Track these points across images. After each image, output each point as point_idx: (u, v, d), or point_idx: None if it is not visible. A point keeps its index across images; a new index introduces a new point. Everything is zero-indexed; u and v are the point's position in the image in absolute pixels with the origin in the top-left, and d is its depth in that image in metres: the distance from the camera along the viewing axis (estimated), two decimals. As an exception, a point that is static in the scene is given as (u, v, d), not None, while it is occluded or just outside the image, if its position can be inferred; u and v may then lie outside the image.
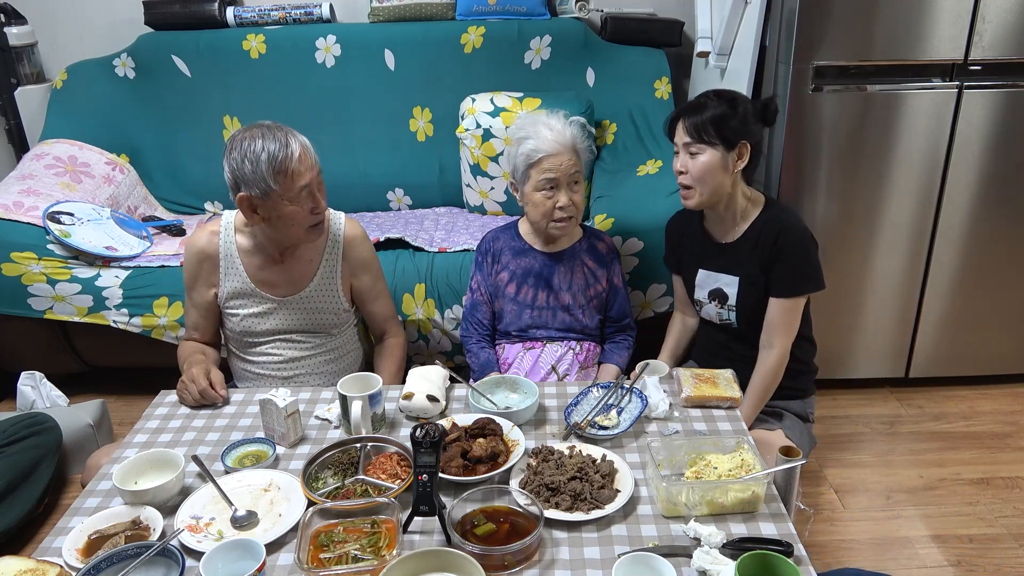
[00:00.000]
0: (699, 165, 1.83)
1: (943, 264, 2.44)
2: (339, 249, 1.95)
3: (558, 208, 1.96)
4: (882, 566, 1.88)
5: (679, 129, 1.86)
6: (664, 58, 3.01)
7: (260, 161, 1.69)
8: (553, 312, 2.09)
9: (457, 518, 1.29)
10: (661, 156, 2.76)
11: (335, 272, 1.95)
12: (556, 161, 1.93)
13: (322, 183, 1.81)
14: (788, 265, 1.85)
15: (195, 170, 3.04)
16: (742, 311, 1.94)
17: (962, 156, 2.31)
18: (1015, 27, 2.16)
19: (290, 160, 1.69)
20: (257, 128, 1.73)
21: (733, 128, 1.80)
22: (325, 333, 1.98)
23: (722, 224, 1.94)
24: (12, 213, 2.43)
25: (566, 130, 1.97)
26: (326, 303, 1.95)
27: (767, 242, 1.86)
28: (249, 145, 1.70)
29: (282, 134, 1.72)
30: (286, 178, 1.70)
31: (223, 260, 1.90)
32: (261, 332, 1.93)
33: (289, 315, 1.93)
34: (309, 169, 1.73)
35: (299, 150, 1.71)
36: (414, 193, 3.06)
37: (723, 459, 1.39)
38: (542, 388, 1.73)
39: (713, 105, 1.82)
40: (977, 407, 2.55)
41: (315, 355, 1.97)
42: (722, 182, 1.84)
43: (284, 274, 1.91)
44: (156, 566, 1.20)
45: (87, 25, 3.12)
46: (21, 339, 2.56)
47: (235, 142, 1.73)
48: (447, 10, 2.98)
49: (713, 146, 1.81)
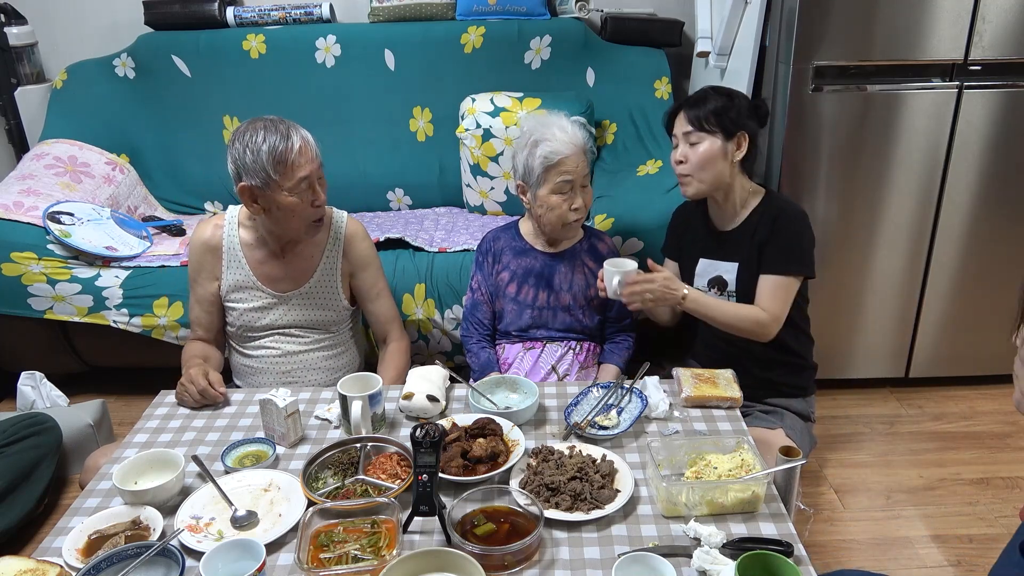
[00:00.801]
0: (699, 153, 1.86)
1: (943, 264, 2.44)
2: (340, 246, 1.96)
3: (572, 209, 1.97)
4: (882, 566, 1.88)
5: (679, 120, 1.90)
6: (664, 58, 3.01)
7: (261, 151, 1.71)
8: (553, 312, 2.09)
9: (457, 518, 1.29)
10: (661, 156, 2.76)
11: (335, 268, 1.96)
12: (573, 163, 1.94)
13: (323, 177, 1.82)
14: (779, 244, 1.87)
15: (195, 170, 3.04)
16: (741, 297, 1.94)
17: (962, 156, 2.31)
18: (1015, 27, 2.16)
19: (290, 151, 1.72)
20: (260, 121, 1.76)
21: (732, 119, 1.85)
22: (324, 329, 1.98)
23: (723, 213, 1.96)
24: (12, 213, 2.43)
25: (577, 131, 1.98)
26: (326, 299, 1.96)
27: (765, 225, 1.88)
28: (251, 136, 1.73)
29: (284, 127, 1.75)
30: (286, 168, 1.72)
31: (226, 253, 1.91)
32: (261, 327, 1.94)
33: (289, 310, 1.94)
34: (309, 162, 1.76)
35: (300, 142, 1.74)
36: (414, 193, 3.06)
37: (723, 459, 1.39)
38: (542, 388, 1.73)
39: (713, 98, 1.87)
40: (977, 407, 2.55)
41: (312, 351, 1.98)
42: (722, 170, 1.87)
43: (285, 269, 1.92)
44: (156, 566, 1.20)
45: (87, 25, 3.12)
46: (21, 339, 2.56)
47: (238, 133, 1.76)
48: (447, 10, 2.98)
49: (712, 135, 1.85)
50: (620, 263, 1.90)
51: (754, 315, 1.86)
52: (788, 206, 1.91)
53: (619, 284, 1.85)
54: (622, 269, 1.86)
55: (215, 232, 1.93)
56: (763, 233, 1.88)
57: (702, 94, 1.90)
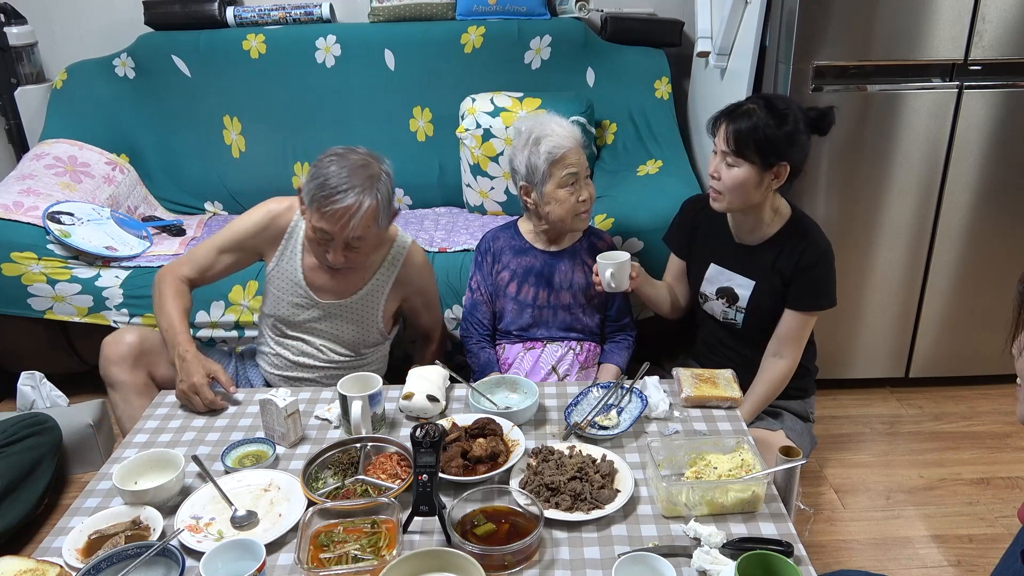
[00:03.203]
0: (733, 177, 1.76)
1: (943, 264, 2.44)
2: (394, 271, 1.93)
3: (580, 201, 1.98)
4: (882, 566, 1.88)
5: (721, 132, 1.77)
6: (664, 58, 3.01)
7: (312, 181, 1.69)
8: (554, 311, 2.09)
9: (457, 518, 1.29)
10: (661, 156, 2.76)
11: (382, 292, 1.94)
12: (575, 156, 1.96)
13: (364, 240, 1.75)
14: (810, 282, 1.84)
15: (195, 170, 3.04)
16: (751, 315, 1.93)
17: (962, 156, 2.31)
18: (1015, 27, 2.16)
19: (327, 204, 1.67)
20: (363, 156, 1.72)
21: (775, 148, 1.72)
22: (354, 351, 1.98)
23: (746, 226, 1.91)
24: (12, 213, 2.43)
25: (573, 127, 2.01)
26: (364, 318, 1.94)
27: (791, 254, 1.85)
28: (328, 164, 1.70)
29: (359, 182, 1.68)
30: (320, 213, 1.69)
31: (287, 239, 1.89)
32: (296, 322, 1.93)
33: (324, 319, 1.93)
34: (342, 227, 1.69)
35: (343, 205, 1.66)
36: (414, 193, 3.06)
37: (723, 459, 1.39)
38: (542, 388, 1.73)
39: (760, 117, 1.72)
40: (977, 407, 2.55)
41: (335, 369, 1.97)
42: (754, 196, 1.80)
43: (333, 280, 1.89)
44: (156, 566, 1.20)
45: (87, 25, 3.12)
46: (21, 339, 2.56)
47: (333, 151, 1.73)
48: (447, 10, 2.98)
49: (751, 163, 1.74)
50: (613, 256, 1.93)
51: (782, 374, 1.90)
52: (816, 240, 1.84)
53: (612, 276, 1.88)
54: (615, 261, 1.89)
55: (287, 214, 1.90)
56: (787, 262, 1.85)
57: (749, 108, 1.74)
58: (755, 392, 1.90)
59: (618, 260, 1.90)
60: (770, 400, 1.93)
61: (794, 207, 1.92)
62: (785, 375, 1.90)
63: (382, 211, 1.73)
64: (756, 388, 1.91)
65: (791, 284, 1.86)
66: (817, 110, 1.79)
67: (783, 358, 1.90)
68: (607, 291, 1.93)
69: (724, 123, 1.77)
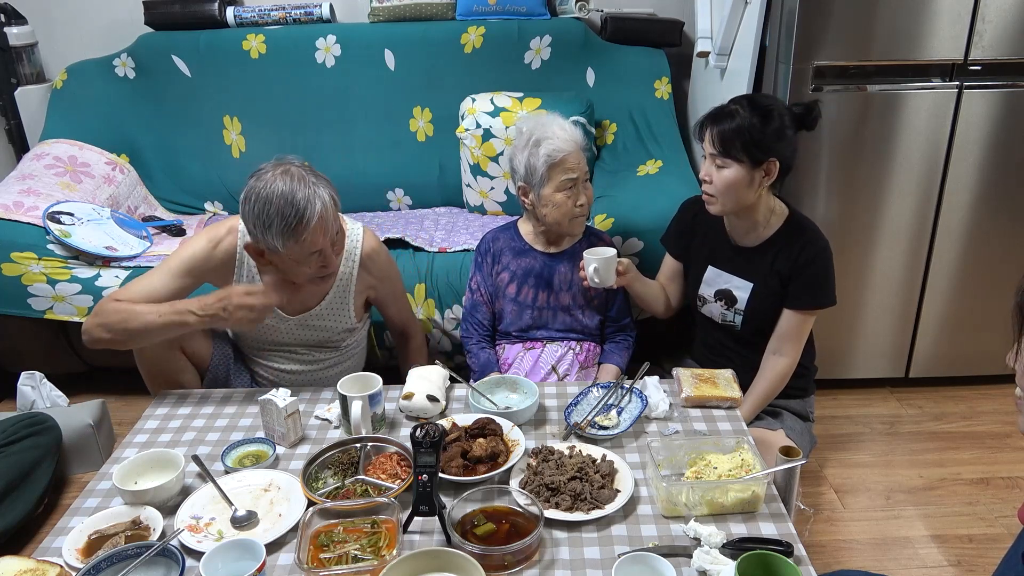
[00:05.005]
0: (723, 179, 1.78)
1: (943, 264, 2.44)
2: (354, 267, 1.90)
3: (577, 206, 1.98)
4: (882, 566, 1.88)
5: (707, 136, 1.79)
6: (664, 58, 3.01)
7: (272, 225, 1.59)
8: (553, 312, 2.09)
9: (457, 518, 1.29)
10: (661, 156, 2.76)
11: (348, 292, 1.92)
12: (575, 160, 1.95)
13: (341, 231, 1.73)
14: (809, 280, 1.84)
15: (195, 170, 3.04)
16: (750, 316, 1.93)
17: (962, 156, 2.31)
18: (1015, 27, 2.16)
19: (304, 228, 1.60)
20: (279, 179, 1.59)
21: (762, 145, 1.73)
22: (332, 347, 1.99)
23: (742, 228, 1.92)
24: (12, 213, 2.43)
25: (575, 130, 1.99)
26: (333, 322, 1.94)
27: (789, 254, 1.85)
28: (265, 205, 1.58)
29: (304, 194, 1.59)
30: (298, 243, 1.63)
31: (238, 264, 1.83)
32: (269, 342, 1.94)
33: (294, 331, 1.93)
34: (324, 234, 1.65)
35: (316, 217, 1.60)
36: (414, 193, 3.06)
37: (723, 459, 1.39)
38: (542, 388, 1.73)
39: (743, 116, 1.73)
40: (977, 407, 2.55)
41: (316, 369, 1.99)
42: (747, 196, 1.81)
43: (295, 292, 1.86)
44: (156, 566, 1.20)
45: (87, 25, 3.12)
46: (21, 339, 2.56)
47: (251, 193, 1.60)
48: (447, 10, 2.98)
49: (739, 162, 1.75)
50: (599, 251, 1.93)
51: (782, 372, 1.90)
52: (814, 238, 1.85)
53: (595, 272, 1.89)
54: (601, 257, 1.90)
55: (228, 238, 1.81)
56: (785, 263, 1.85)
57: (732, 108, 1.76)
58: (756, 390, 1.90)
59: (604, 256, 1.90)
60: (771, 398, 1.93)
61: (791, 207, 1.92)
62: (786, 373, 1.90)
63: (334, 195, 1.69)
64: (757, 386, 1.91)
65: (790, 283, 1.86)
66: (802, 105, 1.80)
67: (783, 356, 1.90)
68: (592, 286, 1.94)
69: (709, 126, 1.79)
